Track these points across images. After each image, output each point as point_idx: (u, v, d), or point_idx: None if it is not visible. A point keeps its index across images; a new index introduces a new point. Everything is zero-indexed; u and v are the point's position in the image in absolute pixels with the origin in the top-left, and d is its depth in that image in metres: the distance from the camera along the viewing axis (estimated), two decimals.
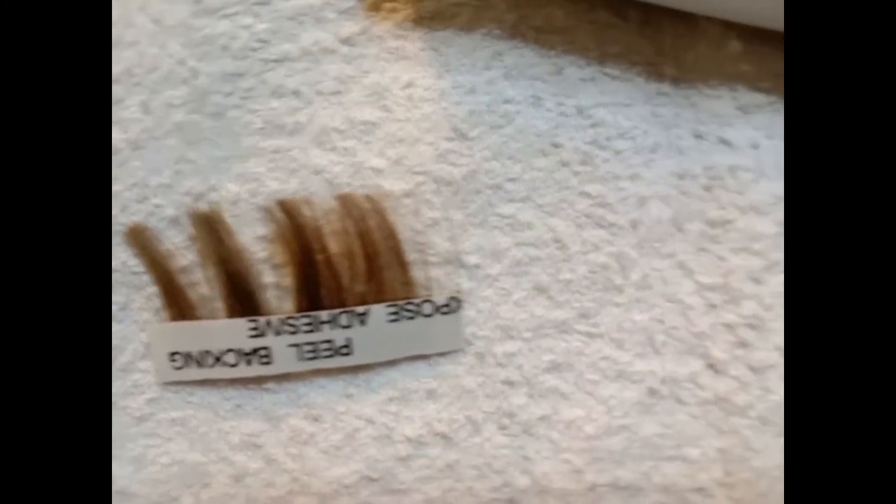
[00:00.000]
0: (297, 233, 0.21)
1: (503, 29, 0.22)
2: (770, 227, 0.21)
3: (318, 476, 0.22)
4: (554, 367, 0.22)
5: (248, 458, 0.22)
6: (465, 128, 0.22)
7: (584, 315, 0.22)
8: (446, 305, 0.22)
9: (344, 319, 0.21)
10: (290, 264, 0.22)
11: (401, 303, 0.21)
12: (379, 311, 0.21)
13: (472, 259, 0.22)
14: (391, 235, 0.22)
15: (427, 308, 0.22)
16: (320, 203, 0.22)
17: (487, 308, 0.22)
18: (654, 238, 0.22)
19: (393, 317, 0.21)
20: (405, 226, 0.22)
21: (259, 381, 0.22)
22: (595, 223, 0.22)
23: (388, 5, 0.23)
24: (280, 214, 0.22)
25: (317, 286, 0.21)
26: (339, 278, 0.21)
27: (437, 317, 0.22)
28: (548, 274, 0.22)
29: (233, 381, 0.22)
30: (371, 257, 0.21)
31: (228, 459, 0.23)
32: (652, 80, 0.22)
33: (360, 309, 0.21)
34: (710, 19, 0.22)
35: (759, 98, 0.21)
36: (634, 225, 0.22)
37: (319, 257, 0.21)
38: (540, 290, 0.22)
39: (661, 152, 0.22)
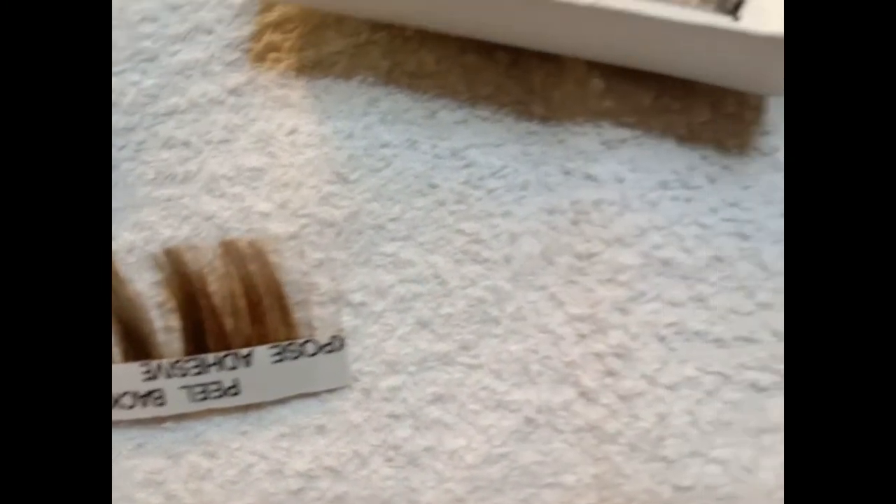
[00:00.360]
0: (181, 279, 0.22)
1: (378, 76, 0.23)
2: (634, 258, 0.22)
3: None
4: (437, 399, 0.23)
5: (149, 494, 0.23)
6: (345, 171, 0.23)
7: (464, 347, 0.23)
8: (329, 344, 0.22)
9: (230, 361, 0.22)
10: (177, 310, 0.23)
11: (283, 344, 0.22)
12: (263, 353, 0.22)
13: (357, 297, 0.23)
14: (273, 279, 0.22)
15: (310, 348, 0.22)
16: (205, 249, 0.23)
17: (373, 344, 0.23)
18: (526, 272, 0.22)
19: (277, 357, 0.22)
20: (290, 267, 0.23)
21: (159, 420, 0.23)
22: (472, 259, 0.23)
23: (273, 55, 0.24)
24: (165, 262, 0.23)
25: (202, 330, 0.22)
26: (222, 322, 0.22)
27: (322, 355, 0.22)
28: (430, 309, 0.23)
29: (135, 422, 0.23)
30: (253, 301, 0.22)
31: (131, 497, 0.23)
32: (522, 119, 0.23)
33: (245, 351, 0.22)
34: (574, 59, 0.22)
35: (623, 133, 0.22)
36: (508, 260, 0.22)
37: (203, 302, 0.22)
38: (423, 324, 0.23)
39: (531, 189, 0.22)
